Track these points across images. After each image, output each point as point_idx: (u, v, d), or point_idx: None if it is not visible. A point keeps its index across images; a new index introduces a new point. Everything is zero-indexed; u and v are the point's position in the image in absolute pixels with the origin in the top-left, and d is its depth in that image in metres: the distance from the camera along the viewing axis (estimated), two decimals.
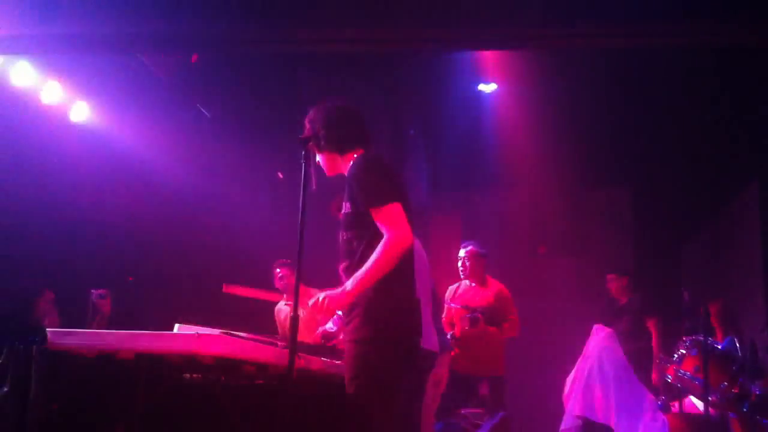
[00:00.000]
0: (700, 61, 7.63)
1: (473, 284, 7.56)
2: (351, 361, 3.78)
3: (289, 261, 7.38)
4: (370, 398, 3.71)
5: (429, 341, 4.96)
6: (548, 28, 6.25)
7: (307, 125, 4.11)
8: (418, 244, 5.35)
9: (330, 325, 5.75)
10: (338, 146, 4.06)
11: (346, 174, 4.00)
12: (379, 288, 3.77)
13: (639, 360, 7.47)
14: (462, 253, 7.59)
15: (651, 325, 8.08)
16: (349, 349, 3.81)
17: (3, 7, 6.05)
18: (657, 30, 6.26)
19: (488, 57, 8.55)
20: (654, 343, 7.99)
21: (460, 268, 7.57)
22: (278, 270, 7.48)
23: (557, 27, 6.27)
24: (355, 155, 4.03)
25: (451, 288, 7.68)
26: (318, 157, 4.14)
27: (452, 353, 6.59)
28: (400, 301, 3.87)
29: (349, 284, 3.79)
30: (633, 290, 8.48)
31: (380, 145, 4.18)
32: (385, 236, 3.76)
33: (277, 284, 7.50)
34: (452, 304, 7.45)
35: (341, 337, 5.81)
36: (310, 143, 4.04)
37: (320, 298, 3.80)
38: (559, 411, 7.11)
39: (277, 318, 7.65)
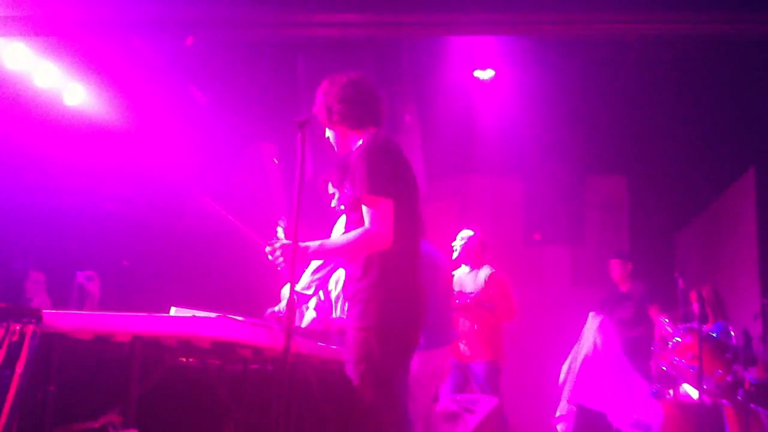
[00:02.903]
0: (697, 50, 7.63)
1: (468, 269, 7.53)
2: (354, 348, 3.78)
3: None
4: (372, 385, 3.72)
5: None
6: (546, 13, 6.24)
7: (321, 97, 4.01)
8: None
9: (312, 313, 5.74)
10: (351, 122, 3.98)
11: (352, 153, 3.92)
12: (383, 276, 3.78)
13: (638, 347, 7.48)
14: (460, 234, 7.57)
15: (652, 313, 8.08)
16: (351, 336, 3.81)
17: None
18: (653, 18, 6.26)
19: (485, 43, 8.52)
20: (656, 331, 8.00)
21: (454, 249, 7.54)
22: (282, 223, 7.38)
23: (555, 13, 6.26)
24: (367, 134, 3.95)
25: None
26: (328, 132, 4.07)
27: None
28: (404, 291, 3.85)
29: (313, 245, 3.81)
30: (634, 277, 8.47)
31: None
32: (364, 227, 3.74)
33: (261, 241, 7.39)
34: None
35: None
36: (319, 118, 3.98)
37: (277, 247, 3.81)
38: (554, 398, 7.13)
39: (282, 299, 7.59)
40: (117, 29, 6.69)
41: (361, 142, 3.93)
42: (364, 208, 3.75)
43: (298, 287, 5.64)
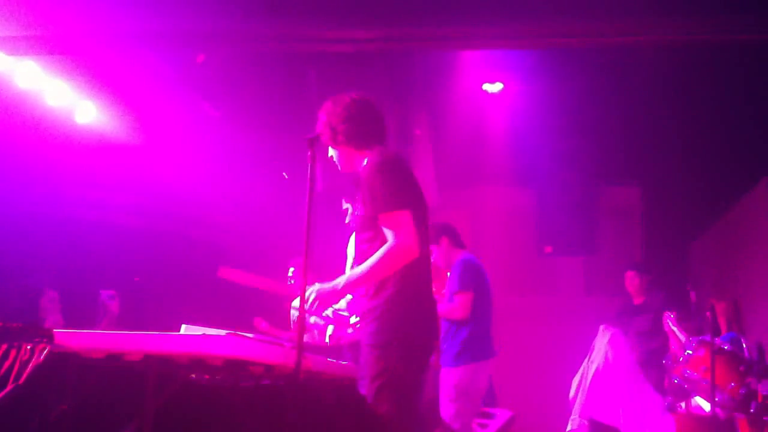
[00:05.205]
0: (710, 59, 7.61)
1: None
2: (370, 364, 3.76)
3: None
4: (389, 401, 3.71)
5: None
6: (558, 26, 6.24)
7: (324, 117, 3.99)
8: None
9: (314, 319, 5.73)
10: (356, 142, 3.95)
11: (360, 172, 3.91)
12: (398, 291, 3.77)
13: (656, 360, 7.43)
14: None
15: (665, 319, 8.01)
16: (366, 353, 3.80)
17: (8, 9, 6.07)
18: (666, 27, 6.25)
19: (495, 55, 8.53)
20: (670, 342, 7.94)
21: None
22: (292, 268, 7.37)
23: (565, 24, 6.26)
24: (372, 153, 3.93)
25: None
26: (332, 152, 4.04)
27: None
28: (419, 305, 3.85)
29: (341, 281, 3.79)
30: (651, 288, 8.41)
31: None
32: (389, 242, 3.72)
33: (287, 290, 7.40)
34: None
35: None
36: (323, 138, 3.95)
37: (310, 294, 3.78)
38: (565, 411, 7.11)
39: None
40: (128, 45, 6.72)
41: (366, 161, 3.92)
42: (384, 224, 3.74)
43: (336, 307, 5.65)
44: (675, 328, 7.08)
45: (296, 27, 6.52)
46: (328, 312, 5.69)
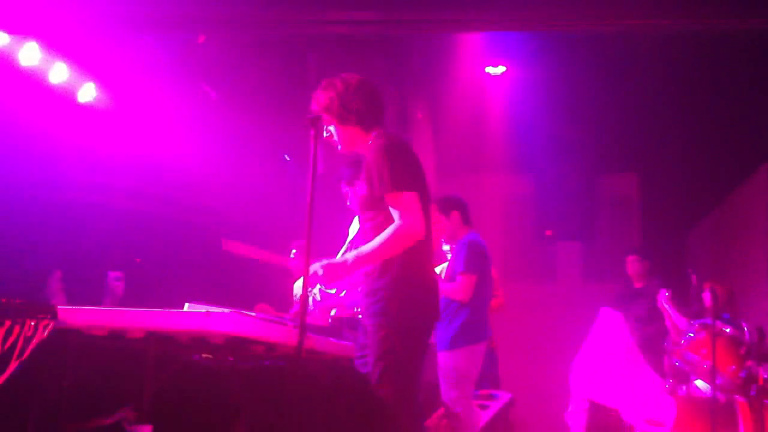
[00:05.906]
0: (708, 47, 7.61)
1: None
2: (374, 346, 3.75)
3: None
4: (392, 382, 3.70)
5: None
6: (558, 9, 6.23)
7: (331, 95, 3.91)
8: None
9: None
10: (366, 122, 3.91)
11: (365, 152, 3.89)
12: (404, 273, 3.76)
13: (653, 344, 7.44)
14: None
15: (659, 299, 8.01)
16: (371, 334, 3.79)
17: None
18: (666, 13, 6.24)
19: (497, 39, 8.51)
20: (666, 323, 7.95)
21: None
22: (294, 250, 7.34)
23: (567, 9, 6.25)
24: (376, 134, 3.91)
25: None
26: (333, 131, 3.97)
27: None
28: (423, 287, 3.85)
29: (350, 258, 3.77)
30: (651, 274, 8.42)
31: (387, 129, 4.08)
32: (396, 223, 3.71)
33: (291, 264, 7.39)
34: None
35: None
36: (329, 116, 3.91)
37: (318, 268, 3.75)
38: (565, 393, 7.13)
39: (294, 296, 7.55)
40: (128, 28, 6.70)
41: (371, 142, 3.90)
42: (391, 204, 3.73)
43: (322, 286, 5.64)
44: (667, 306, 7.13)
45: (295, 8, 6.48)
46: (315, 292, 5.66)
